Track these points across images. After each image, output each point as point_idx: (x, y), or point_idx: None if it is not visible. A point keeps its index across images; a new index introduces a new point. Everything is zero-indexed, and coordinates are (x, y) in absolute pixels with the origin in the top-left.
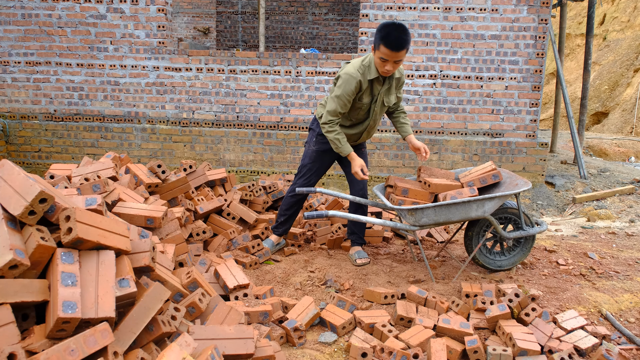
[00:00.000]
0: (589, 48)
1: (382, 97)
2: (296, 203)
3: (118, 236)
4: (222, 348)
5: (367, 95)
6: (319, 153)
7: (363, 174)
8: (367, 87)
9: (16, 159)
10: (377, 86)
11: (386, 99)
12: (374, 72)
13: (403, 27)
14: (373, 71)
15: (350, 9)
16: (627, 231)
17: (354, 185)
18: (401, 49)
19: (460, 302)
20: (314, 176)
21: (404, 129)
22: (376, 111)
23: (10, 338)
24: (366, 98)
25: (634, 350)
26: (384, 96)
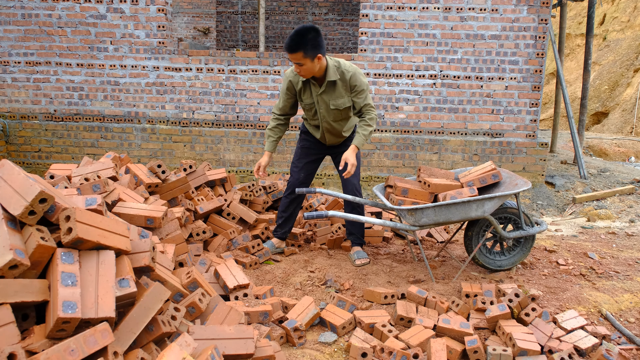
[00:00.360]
0: (589, 48)
1: (323, 99)
2: (291, 204)
3: (118, 236)
4: (222, 348)
5: (306, 96)
6: (303, 150)
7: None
8: (302, 87)
9: (16, 159)
10: (314, 88)
11: (333, 102)
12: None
13: (297, 30)
14: None
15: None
16: (627, 231)
17: (345, 185)
18: (291, 51)
19: (460, 302)
20: (302, 172)
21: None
22: (322, 113)
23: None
24: (307, 99)
25: (634, 350)
26: (330, 99)
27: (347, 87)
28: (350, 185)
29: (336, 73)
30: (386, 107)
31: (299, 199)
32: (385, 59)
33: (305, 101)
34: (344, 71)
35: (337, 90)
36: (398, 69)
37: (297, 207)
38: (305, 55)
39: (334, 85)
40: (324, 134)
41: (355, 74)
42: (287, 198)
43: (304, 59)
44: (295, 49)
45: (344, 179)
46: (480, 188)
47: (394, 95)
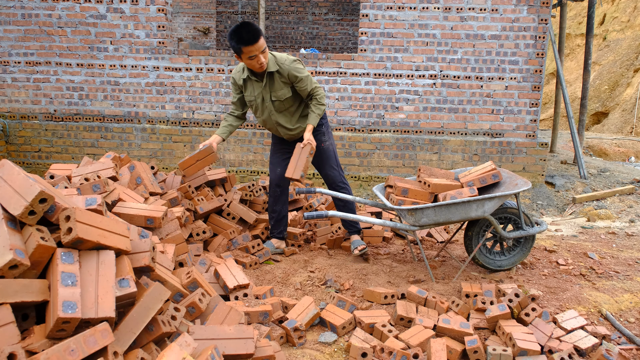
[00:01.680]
0: (589, 48)
1: (267, 94)
2: (277, 201)
3: (118, 236)
4: (222, 348)
5: (248, 92)
6: (274, 146)
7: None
8: (243, 84)
9: (16, 159)
10: (256, 85)
11: (274, 94)
12: (246, 72)
13: (247, 23)
14: (245, 72)
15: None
16: (627, 231)
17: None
18: (257, 39)
19: (460, 302)
20: (278, 168)
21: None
22: (267, 106)
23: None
24: (249, 95)
25: (634, 350)
26: (270, 91)
27: (286, 79)
28: (330, 178)
29: (275, 65)
30: (386, 107)
31: (283, 195)
32: (385, 59)
33: (247, 97)
34: (280, 64)
35: (276, 82)
36: (398, 69)
37: (284, 204)
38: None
39: (273, 77)
40: (277, 129)
41: (292, 65)
42: (271, 197)
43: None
44: (259, 37)
45: (323, 173)
46: (480, 188)
47: (394, 95)
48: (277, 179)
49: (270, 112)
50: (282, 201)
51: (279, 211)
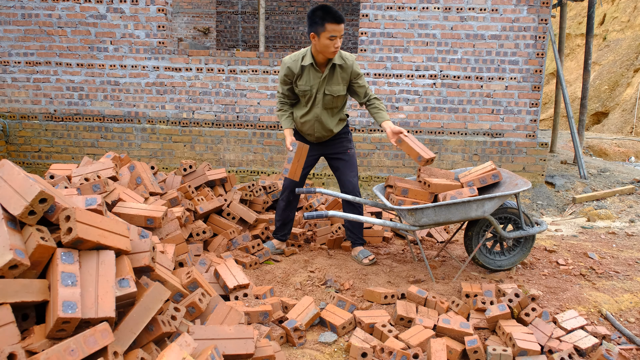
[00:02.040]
0: (589, 48)
1: (323, 86)
2: (288, 206)
3: (118, 236)
4: (222, 348)
5: (303, 82)
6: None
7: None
8: (300, 73)
9: (16, 159)
10: (314, 74)
11: (328, 88)
12: (308, 59)
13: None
14: (308, 58)
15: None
16: (627, 231)
17: (343, 184)
18: (344, 20)
19: (460, 302)
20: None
21: (379, 115)
22: (319, 99)
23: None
24: (303, 85)
25: (634, 350)
26: (326, 86)
27: (346, 75)
28: (351, 186)
29: (341, 58)
30: (386, 107)
31: (294, 201)
32: (385, 59)
33: (300, 87)
34: (345, 58)
35: (335, 76)
36: (398, 69)
37: (293, 209)
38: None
39: (334, 70)
40: (313, 126)
41: (355, 62)
42: (283, 201)
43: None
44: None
45: (344, 179)
46: (480, 188)
47: (394, 95)
48: (292, 185)
49: (317, 105)
50: (292, 206)
51: (288, 215)
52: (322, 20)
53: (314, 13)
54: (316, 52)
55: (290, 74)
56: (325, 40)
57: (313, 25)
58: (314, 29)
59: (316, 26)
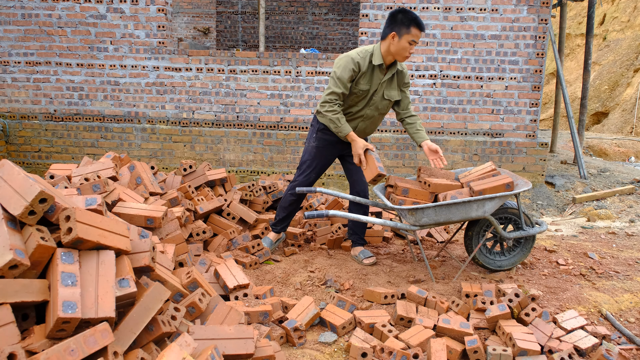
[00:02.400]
0: (589, 48)
1: (383, 88)
2: (296, 201)
3: (118, 236)
4: (222, 348)
5: (365, 81)
6: (318, 149)
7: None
8: (366, 71)
9: (16, 159)
10: (378, 74)
11: (387, 92)
12: (377, 58)
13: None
14: (377, 57)
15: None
16: (627, 231)
17: (355, 185)
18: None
19: (460, 302)
20: (313, 173)
21: (419, 135)
22: (376, 101)
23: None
24: (364, 84)
25: (634, 350)
26: (385, 89)
27: (401, 81)
28: (363, 186)
29: (401, 64)
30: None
31: (303, 196)
32: None
33: (360, 86)
34: (402, 66)
35: (393, 81)
36: None
37: (299, 205)
38: None
39: (394, 76)
40: (358, 125)
41: (408, 71)
42: (293, 195)
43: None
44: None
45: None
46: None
47: None
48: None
49: (374, 107)
50: (299, 202)
51: (294, 209)
52: (410, 22)
53: (402, 14)
54: (387, 53)
55: (358, 71)
56: (405, 42)
57: (398, 25)
58: (397, 28)
59: (401, 26)
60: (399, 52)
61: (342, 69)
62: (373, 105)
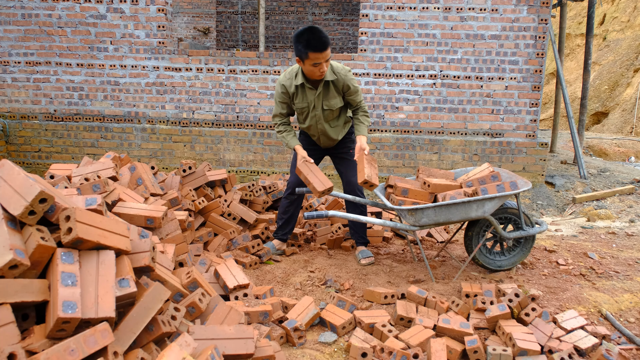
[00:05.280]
0: (589, 48)
1: (319, 101)
2: (291, 205)
3: (118, 236)
4: (222, 348)
5: (299, 99)
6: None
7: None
8: (295, 92)
9: (16, 159)
10: (309, 92)
11: (326, 103)
12: (300, 79)
13: (319, 29)
14: (299, 78)
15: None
16: (627, 231)
17: (347, 184)
18: (327, 46)
19: (460, 302)
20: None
21: (357, 128)
22: (318, 115)
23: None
24: (300, 103)
25: (634, 350)
26: (323, 100)
27: (339, 88)
28: (351, 185)
29: (332, 74)
30: (386, 107)
31: (298, 200)
32: (385, 59)
33: (297, 105)
34: (337, 72)
35: (330, 91)
36: (398, 69)
37: (297, 209)
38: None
39: (329, 86)
40: (319, 138)
41: (348, 75)
42: (286, 199)
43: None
44: (328, 45)
45: (346, 179)
46: None
47: (394, 95)
48: (297, 183)
49: (318, 120)
50: (295, 205)
51: (292, 213)
52: (305, 48)
53: (298, 38)
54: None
55: (287, 92)
56: (309, 66)
57: (297, 51)
58: (298, 54)
59: (300, 52)
60: (310, 74)
61: (275, 94)
62: (315, 117)
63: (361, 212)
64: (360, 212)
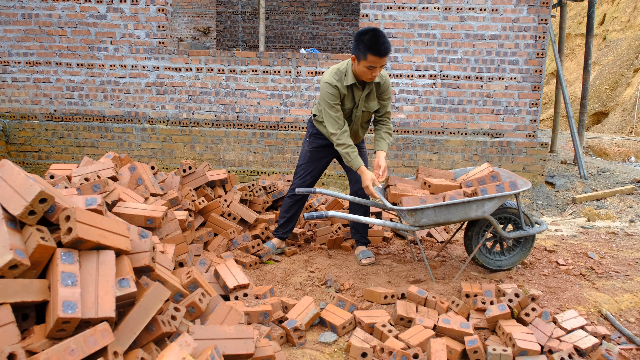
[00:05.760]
0: (589, 48)
1: (362, 102)
2: (294, 205)
3: (118, 236)
4: (222, 348)
5: (348, 101)
6: (313, 152)
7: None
8: (346, 93)
9: (16, 159)
10: (357, 92)
11: (366, 105)
12: (350, 78)
13: (383, 32)
14: (350, 77)
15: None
16: (627, 231)
17: (354, 185)
18: (388, 53)
19: (460, 302)
20: (309, 176)
21: (379, 143)
22: (358, 116)
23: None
24: (348, 103)
25: (634, 350)
26: (364, 102)
27: (380, 92)
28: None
29: (380, 76)
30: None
31: (302, 200)
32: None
33: (346, 106)
34: (382, 76)
35: (372, 92)
36: (398, 69)
37: (300, 208)
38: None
39: (372, 87)
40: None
41: (389, 81)
42: (290, 199)
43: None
44: (391, 50)
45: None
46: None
47: (394, 95)
48: (303, 186)
49: (356, 121)
50: (299, 205)
51: (294, 212)
52: (365, 49)
53: (360, 37)
54: (355, 73)
55: (339, 95)
56: (363, 67)
57: (356, 49)
58: (356, 53)
59: (359, 52)
60: (361, 75)
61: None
62: (356, 118)
63: (365, 211)
64: (364, 211)
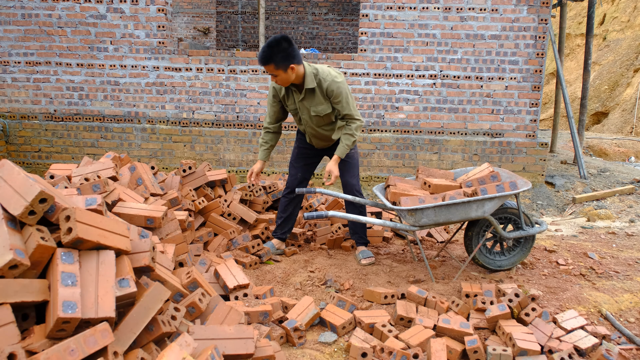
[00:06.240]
0: (589, 48)
1: (305, 106)
2: (290, 204)
3: (118, 236)
4: (222, 348)
5: (290, 102)
6: (299, 150)
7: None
8: (284, 94)
9: (16, 159)
10: (295, 95)
11: (314, 109)
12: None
13: (269, 43)
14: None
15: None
16: (627, 231)
17: (345, 186)
18: (263, 63)
19: (460, 302)
20: (299, 172)
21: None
22: (305, 119)
23: (10, 338)
24: (290, 105)
25: (634, 350)
26: (310, 106)
27: (324, 94)
28: (349, 187)
29: (313, 81)
30: (386, 107)
31: (297, 199)
32: (385, 59)
33: (289, 107)
34: (321, 79)
35: (316, 97)
36: (398, 69)
37: (296, 207)
38: (277, 67)
39: (313, 92)
40: (311, 139)
41: (332, 83)
42: (285, 198)
43: (276, 71)
44: (266, 62)
45: (343, 180)
46: None
47: (394, 95)
48: (295, 183)
49: (307, 124)
50: (294, 203)
51: (291, 212)
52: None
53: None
54: None
55: (277, 95)
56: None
57: None
58: None
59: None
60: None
61: (268, 94)
62: (305, 121)
63: (360, 212)
64: (359, 212)
